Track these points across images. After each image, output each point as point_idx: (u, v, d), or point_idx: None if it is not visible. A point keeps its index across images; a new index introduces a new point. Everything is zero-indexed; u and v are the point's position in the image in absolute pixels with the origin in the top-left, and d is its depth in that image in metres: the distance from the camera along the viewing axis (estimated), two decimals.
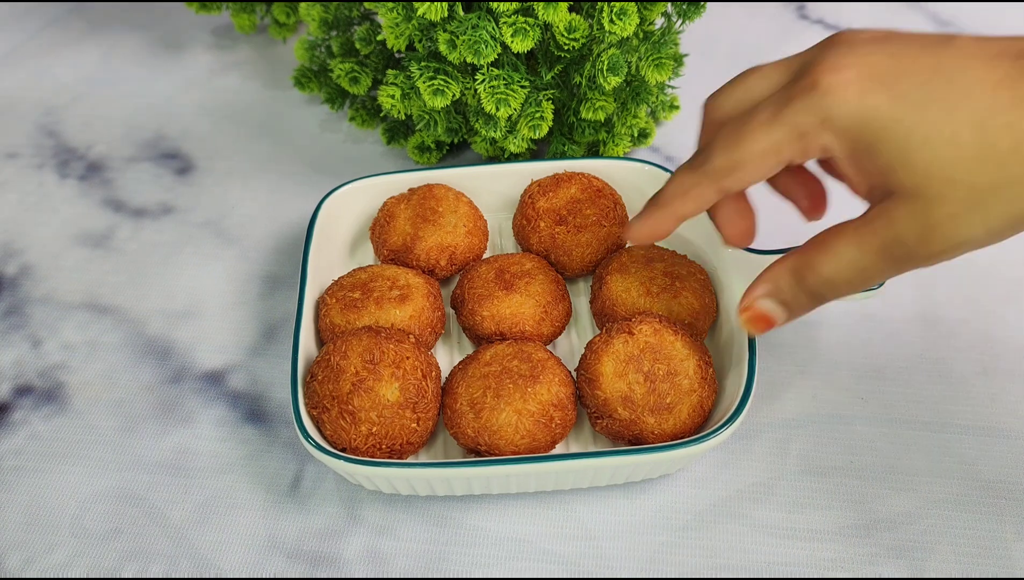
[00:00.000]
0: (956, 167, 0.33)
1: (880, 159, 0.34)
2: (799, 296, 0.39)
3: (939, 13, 0.79)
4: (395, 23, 0.55)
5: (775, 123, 0.36)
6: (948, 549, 0.44)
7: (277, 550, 0.45)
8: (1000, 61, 0.33)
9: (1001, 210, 0.33)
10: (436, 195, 0.54)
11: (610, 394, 0.43)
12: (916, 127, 0.33)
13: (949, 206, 0.33)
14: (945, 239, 0.34)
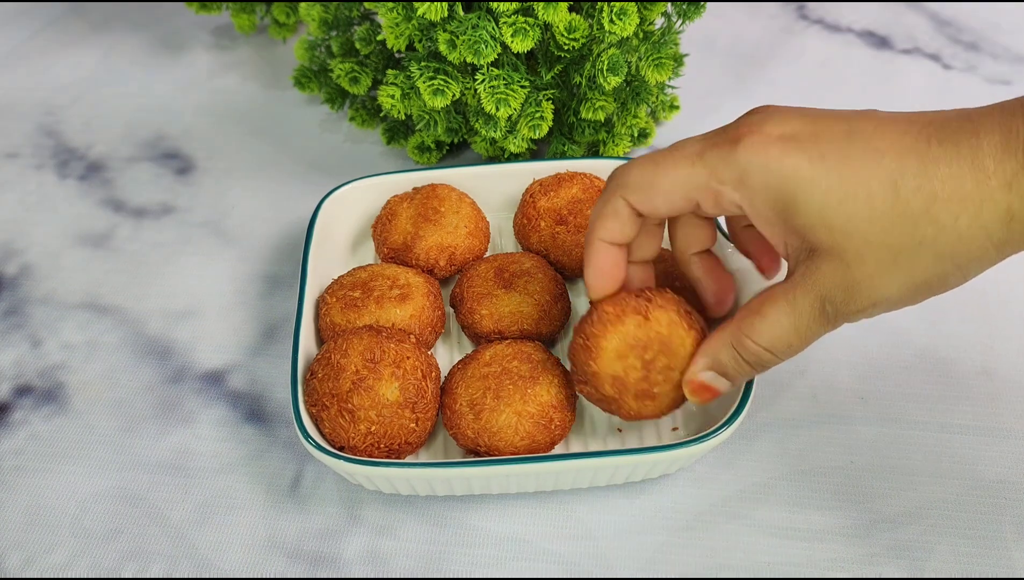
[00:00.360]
0: (872, 227, 0.34)
1: (799, 218, 0.35)
2: (740, 366, 0.40)
3: (939, 13, 0.79)
4: (395, 23, 0.55)
5: (697, 162, 0.37)
6: (948, 549, 0.44)
7: (277, 550, 0.45)
8: (910, 127, 0.34)
9: (914, 272, 0.34)
10: (439, 195, 0.54)
11: (603, 371, 0.42)
12: (833, 187, 0.34)
13: (867, 266, 0.35)
14: (866, 297, 0.35)
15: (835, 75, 0.73)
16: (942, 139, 0.33)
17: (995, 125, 0.33)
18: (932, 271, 0.34)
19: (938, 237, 0.34)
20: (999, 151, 0.32)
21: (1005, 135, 0.33)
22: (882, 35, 0.77)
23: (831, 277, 0.35)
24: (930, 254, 0.34)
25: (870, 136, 0.35)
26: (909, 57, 0.74)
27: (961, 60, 0.74)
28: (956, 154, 0.33)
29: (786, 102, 0.75)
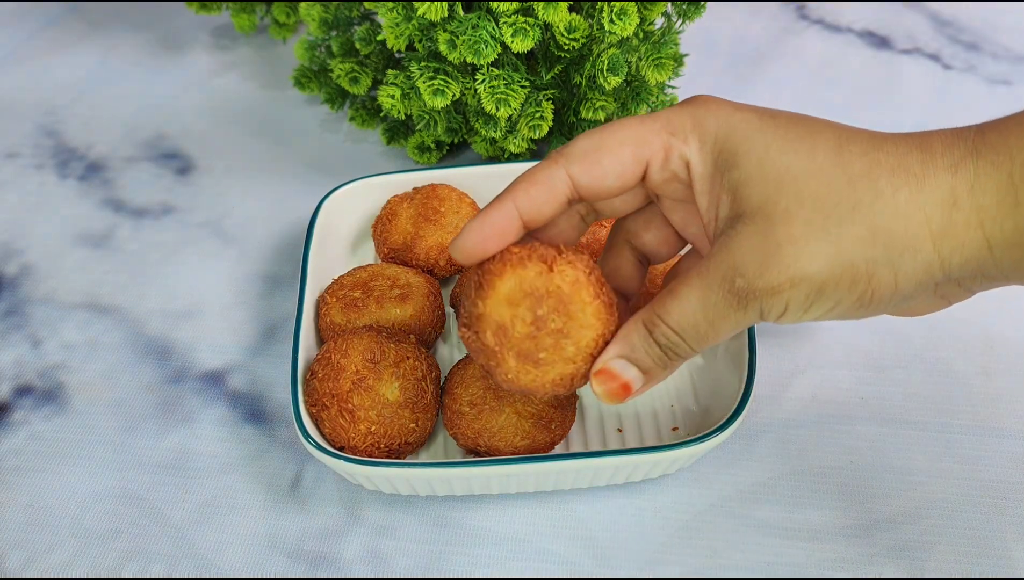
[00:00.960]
0: (808, 180, 0.33)
1: (736, 171, 0.34)
2: (651, 350, 0.35)
3: (939, 13, 0.79)
4: (395, 23, 0.55)
5: (648, 119, 0.36)
6: (948, 549, 0.44)
7: (277, 550, 0.45)
8: (855, 128, 0.35)
9: (842, 245, 0.32)
10: (439, 195, 0.54)
11: (490, 314, 0.36)
12: (778, 138, 0.34)
13: (794, 226, 0.32)
14: (784, 269, 0.32)
15: (835, 75, 0.73)
16: (893, 134, 0.34)
17: (946, 130, 0.34)
18: (861, 251, 0.32)
19: (874, 204, 0.32)
20: (949, 138, 0.33)
21: (956, 132, 0.33)
22: (882, 35, 0.77)
23: (749, 241, 0.33)
24: (863, 225, 0.32)
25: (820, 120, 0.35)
26: (909, 57, 0.74)
27: (961, 60, 0.74)
28: (904, 137, 0.33)
29: (786, 102, 0.75)
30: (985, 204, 0.32)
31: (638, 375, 0.36)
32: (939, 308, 0.37)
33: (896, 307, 0.35)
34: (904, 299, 0.34)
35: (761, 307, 0.33)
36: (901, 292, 0.33)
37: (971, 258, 0.32)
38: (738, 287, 0.33)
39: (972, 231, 0.32)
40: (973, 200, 0.32)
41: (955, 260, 0.32)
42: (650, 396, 0.49)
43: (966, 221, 0.32)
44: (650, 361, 0.36)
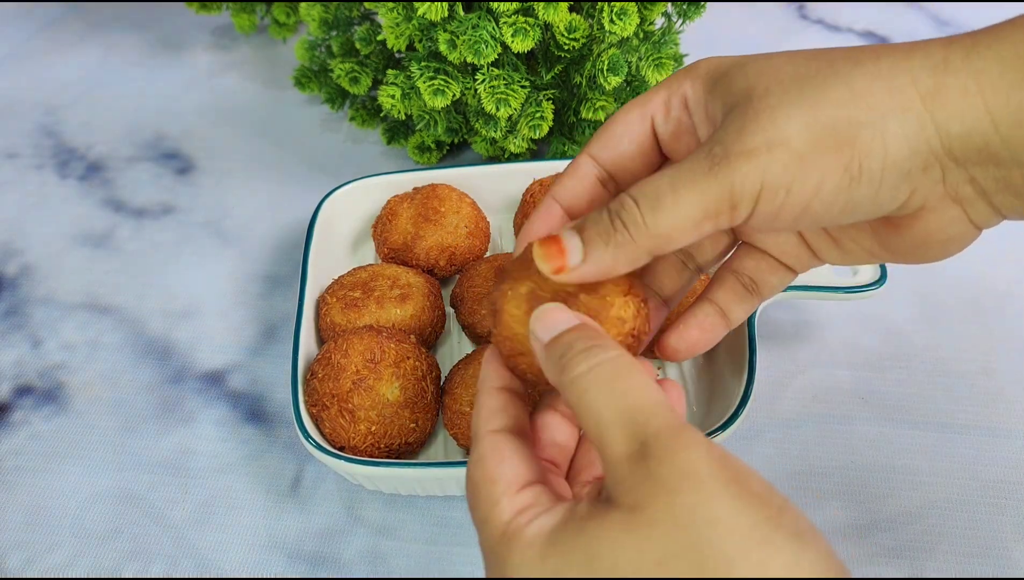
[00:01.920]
0: (787, 64, 0.32)
1: (723, 80, 0.33)
2: (600, 218, 0.32)
3: (939, 13, 0.79)
4: (395, 23, 0.55)
5: (662, 85, 0.36)
6: (948, 549, 0.44)
7: (277, 550, 0.45)
8: None
9: (819, 106, 0.30)
10: (439, 195, 0.54)
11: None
12: (762, 55, 0.33)
13: (771, 97, 0.31)
14: (760, 132, 0.30)
15: None
16: None
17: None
18: (840, 111, 0.30)
19: (853, 72, 0.30)
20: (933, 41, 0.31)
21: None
22: (882, 35, 0.77)
23: (729, 119, 0.31)
24: (842, 86, 0.30)
25: None
26: None
27: None
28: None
29: None
30: (985, 70, 0.29)
31: (578, 244, 0.32)
32: (966, 234, 0.32)
33: (896, 191, 0.30)
34: (903, 175, 0.30)
35: (734, 178, 0.30)
36: (894, 160, 0.30)
37: (972, 130, 0.29)
38: (714, 153, 0.31)
39: (970, 98, 0.29)
40: (969, 64, 0.29)
41: (953, 128, 0.30)
42: None
43: (962, 86, 0.29)
44: (593, 230, 0.32)
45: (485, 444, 0.31)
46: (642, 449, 0.26)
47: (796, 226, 0.32)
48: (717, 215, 0.31)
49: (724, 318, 0.38)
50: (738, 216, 0.31)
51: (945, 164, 0.30)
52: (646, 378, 0.28)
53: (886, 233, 0.34)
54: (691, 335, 0.37)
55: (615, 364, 0.29)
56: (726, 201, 0.30)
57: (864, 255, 0.36)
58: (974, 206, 0.31)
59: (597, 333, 0.31)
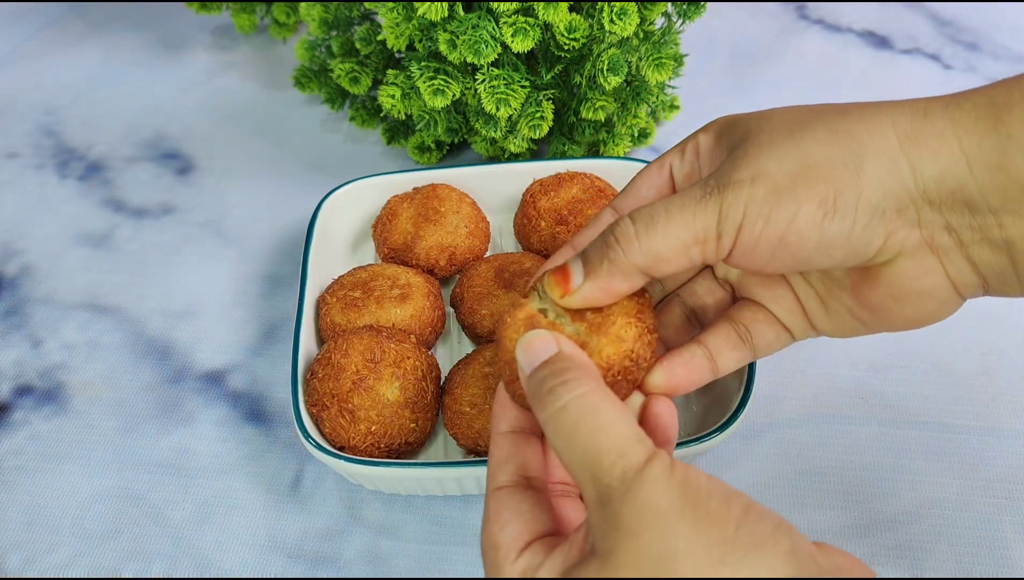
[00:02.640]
0: (784, 113, 0.34)
1: (732, 129, 0.35)
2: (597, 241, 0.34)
3: (939, 13, 0.79)
4: (395, 23, 0.55)
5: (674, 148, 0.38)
6: (948, 549, 0.44)
7: (277, 550, 0.45)
8: None
9: (803, 145, 0.32)
10: (439, 195, 0.54)
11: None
12: (769, 109, 0.35)
13: (763, 137, 0.33)
14: (747, 165, 0.32)
15: (835, 75, 0.73)
16: None
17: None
18: (820, 150, 0.31)
19: (838, 118, 0.32)
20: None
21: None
22: (882, 35, 0.77)
23: (727, 159, 0.34)
24: (825, 128, 0.32)
25: None
26: (909, 57, 0.74)
27: (961, 60, 0.74)
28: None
29: (786, 102, 0.74)
30: (961, 118, 0.30)
31: (580, 267, 0.34)
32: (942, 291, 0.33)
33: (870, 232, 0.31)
34: (878, 215, 0.31)
35: (720, 205, 0.32)
36: (868, 198, 0.31)
37: (946, 172, 0.30)
38: (708, 184, 0.33)
39: (946, 142, 0.30)
40: (947, 113, 0.31)
41: (928, 169, 0.31)
42: None
43: (938, 131, 0.31)
44: (592, 250, 0.34)
45: (490, 505, 0.32)
46: (607, 492, 0.27)
47: (774, 262, 0.33)
48: (705, 241, 0.32)
49: (712, 362, 0.37)
50: (723, 245, 0.32)
51: (920, 206, 0.31)
52: (614, 413, 0.29)
53: (863, 287, 0.34)
54: (675, 372, 0.36)
55: (582, 403, 0.29)
56: (713, 228, 0.32)
57: (848, 318, 0.36)
58: (951, 258, 0.32)
59: (570, 364, 0.31)
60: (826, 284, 0.36)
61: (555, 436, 0.29)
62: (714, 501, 0.27)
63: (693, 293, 0.40)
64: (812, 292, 0.36)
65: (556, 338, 0.32)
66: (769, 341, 0.38)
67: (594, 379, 0.30)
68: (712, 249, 0.33)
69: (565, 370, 0.31)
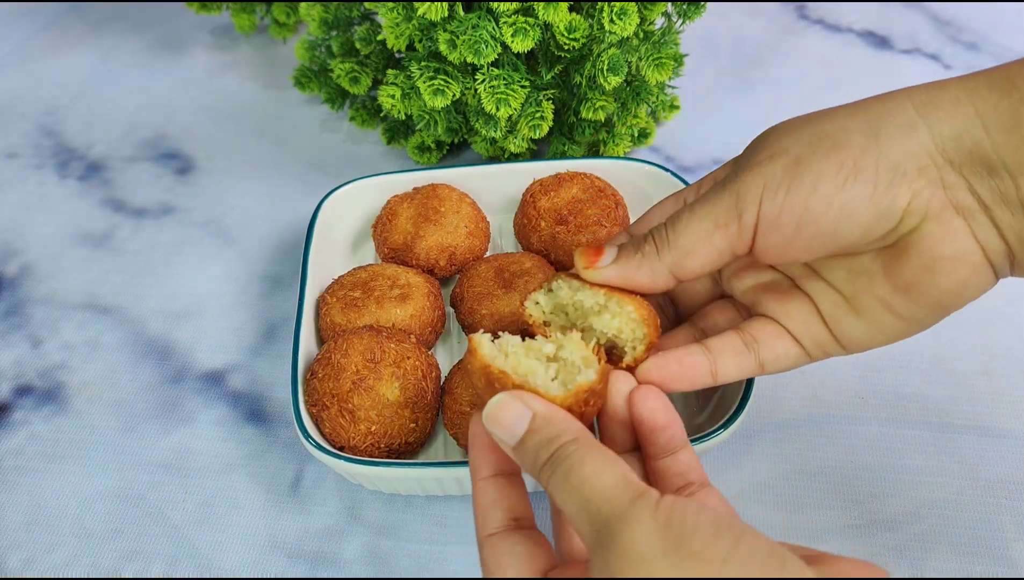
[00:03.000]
0: (802, 116, 0.34)
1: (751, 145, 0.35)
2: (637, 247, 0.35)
3: (939, 13, 0.79)
4: (395, 23, 0.55)
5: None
6: (948, 549, 0.44)
7: (277, 550, 0.45)
8: None
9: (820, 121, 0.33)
10: (439, 195, 0.54)
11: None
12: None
13: (780, 127, 0.34)
14: (765, 148, 0.33)
15: (835, 75, 0.73)
16: None
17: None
18: (837, 124, 0.32)
19: (854, 103, 0.33)
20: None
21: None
22: (882, 35, 0.77)
23: (741, 156, 0.35)
24: (842, 110, 0.33)
25: None
26: (909, 57, 0.74)
27: (961, 60, 0.74)
28: None
29: (786, 102, 0.75)
30: (976, 87, 0.31)
31: (613, 252, 0.36)
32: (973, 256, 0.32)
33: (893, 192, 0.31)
34: (900, 175, 0.31)
35: (738, 186, 0.33)
36: (888, 158, 0.31)
37: (963, 132, 0.31)
38: (726, 178, 0.34)
39: (961, 106, 0.31)
40: (962, 83, 0.31)
41: (945, 129, 0.31)
42: None
43: (954, 97, 0.31)
44: (629, 245, 0.36)
45: (486, 554, 0.32)
46: (598, 538, 0.28)
47: (800, 240, 0.33)
48: (727, 225, 0.33)
49: (711, 364, 0.36)
50: (745, 224, 0.33)
51: (941, 165, 0.31)
52: (600, 462, 0.29)
53: (894, 265, 0.33)
54: (669, 367, 0.36)
55: (572, 460, 0.30)
56: (733, 209, 0.33)
57: (881, 314, 0.34)
58: (976, 220, 0.32)
59: (553, 430, 0.31)
60: (854, 280, 0.35)
61: (557, 490, 0.30)
62: (699, 537, 0.26)
63: (706, 315, 0.40)
64: (838, 297, 0.35)
65: (524, 401, 0.32)
66: (778, 354, 0.37)
67: (576, 431, 0.31)
68: (735, 231, 0.33)
69: (553, 438, 0.31)
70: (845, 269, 0.35)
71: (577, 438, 0.30)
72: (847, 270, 0.35)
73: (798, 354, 0.37)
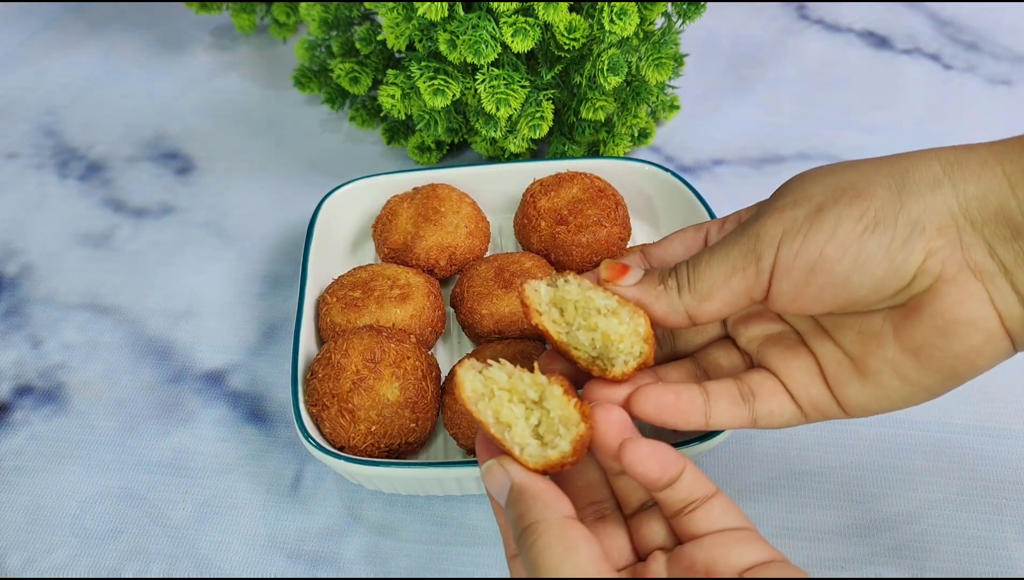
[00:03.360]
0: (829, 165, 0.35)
1: (776, 193, 0.35)
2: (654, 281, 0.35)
3: (939, 13, 0.79)
4: (395, 23, 0.55)
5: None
6: (948, 549, 0.44)
7: (277, 550, 0.45)
8: None
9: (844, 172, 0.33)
10: (439, 195, 0.54)
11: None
12: None
13: (806, 176, 0.34)
14: (789, 194, 0.34)
15: (835, 75, 0.73)
16: None
17: None
18: (862, 175, 0.32)
19: (881, 158, 0.33)
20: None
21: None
22: (882, 35, 0.77)
23: (764, 201, 0.35)
24: (869, 163, 0.33)
25: None
26: (909, 57, 0.74)
27: (961, 60, 0.74)
28: None
29: (786, 102, 0.75)
30: (1005, 150, 0.31)
31: (639, 273, 0.36)
32: (988, 322, 0.31)
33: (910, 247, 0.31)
34: (918, 231, 0.31)
35: (759, 230, 0.33)
36: (909, 213, 0.31)
37: (989, 191, 0.31)
38: (747, 221, 0.34)
39: (989, 168, 0.31)
40: (991, 146, 0.31)
41: (970, 189, 0.31)
42: None
43: (982, 160, 0.31)
44: (655, 272, 0.36)
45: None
46: None
47: (812, 287, 0.32)
48: (744, 268, 0.33)
49: (704, 407, 0.36)
50: (763, 267, 0.33)
51: (962, 226, 0.31)
52: (561, 550, 0.29)
53: (905, 324, 0.32)
54: (666, 398, 0.35)
55: (536, 548, 0.30)
56: (752, 252, 0.33)
57: (889, 377, 0.33)
58: (995, 284, 0.31)
59: (523, 507, 0.31)
60: (864, 342, 0.34)
61: (529, 570, 0.30)
62: None
63: (708, 354, 0.39)
64: (845, 359, 0.35)
65: (508, 470, 0.32)
66: (771, 410, 0.36)
67: (539, 513, 0.31)
68: (752, 275, 0.33)
69: (523, 515, 0.31)
70: (855, 330, 0.34)
71: (543, 520, 0.30)
72: (857, 331, 0.34)
73: (793, 413, 0.36)
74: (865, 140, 0.66)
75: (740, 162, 0.65)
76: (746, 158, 0.65)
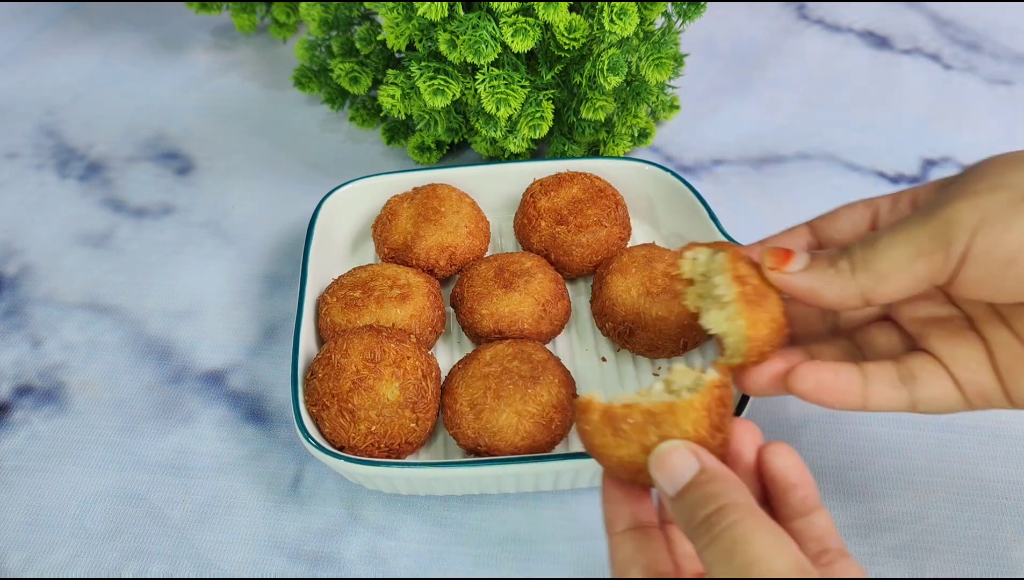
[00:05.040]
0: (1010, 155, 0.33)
1: (954, 180, 0.34)
2: (821, 262, 0.34)
3: (939, 13, 0.79)
4: (395, 23, 0.55)
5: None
6: (948, 549, 0.44)
7: (277, 550, 0.45)
8: None
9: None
10: (439, 195, 0.54)
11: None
12: None
13: (996, 161, 0.33)
14: (983, 179, 0.32)
15: (835, 75, 0.73)
16: None
17: None
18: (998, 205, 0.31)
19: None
20: None
21: None
22: (882, 35, 0.77)
23: (951, 185, 0.33)
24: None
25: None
26: (909, 57, 0.74)
27: (961, 60, 0.74)
28: None
29: (786, 102, 0.75)
30: None
31: (805, 259, 0.34)
32: None
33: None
34: (1010, 260, 0.30)
35: (951, 214, 0.31)
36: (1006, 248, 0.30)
37: None
38: (930, 204, 0.33)
39: None
40: None
41: None
42: None
43: None
44: (823, 256, 0.34)
45: None
46: None
47: (1004, 279, 0.31)
48: (932, 252, 0.31)
49: (863, 388, 0.35)
50: (953, 253, 0.31)
51: None
52: (772, 541, 0.28)
53: None
54: (823, 375, 0.34)
55: (737, 533, 0.28)
56: (942, 237, 0.31)
57: None
58: None
59: (718, 487, 0.30)
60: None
61: (713, 565, 0.28)
62: None
63: (866, 333, 0.38)
64: (1022, 349, 0.33)
65: (695, 452, 0.31)
66: (934, 395, 0.35)
67: (743, 497, 0.29)
68: (939, 260, 0.31)
69: (714, 496, 0.29)
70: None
71: (744, 505, 0.29)
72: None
73: (957, 400, 0.35)
74: (865, 140, 0.66)
75: (740, 162, 0.65)
76: (746, 158, 0.65)
